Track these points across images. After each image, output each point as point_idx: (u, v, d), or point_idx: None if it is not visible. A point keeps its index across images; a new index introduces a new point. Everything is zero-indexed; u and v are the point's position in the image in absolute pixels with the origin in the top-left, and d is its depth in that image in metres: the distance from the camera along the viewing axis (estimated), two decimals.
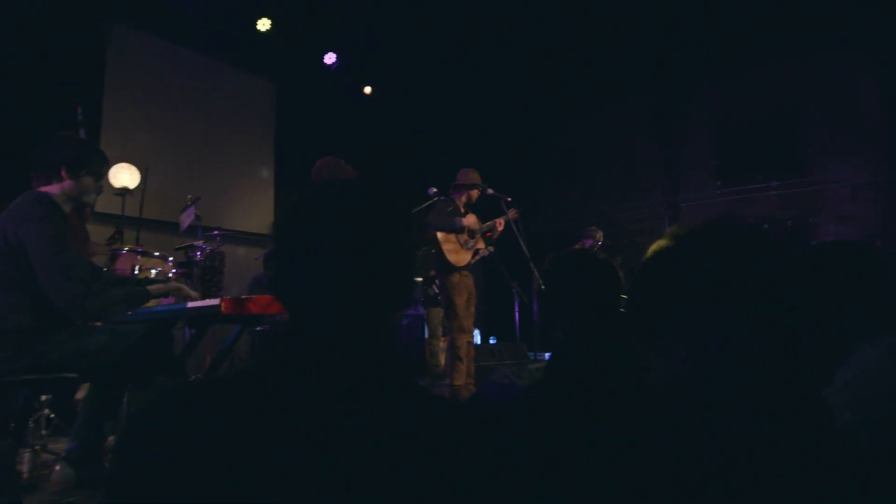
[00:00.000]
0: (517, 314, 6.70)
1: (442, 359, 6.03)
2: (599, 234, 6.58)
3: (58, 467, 2.35)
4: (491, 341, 7.82)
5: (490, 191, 4.67)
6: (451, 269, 4.42)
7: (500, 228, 4.64)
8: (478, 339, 7.67)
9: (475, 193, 4.58)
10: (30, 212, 2.12)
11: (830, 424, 0.66)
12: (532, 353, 5.65)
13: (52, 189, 2.24)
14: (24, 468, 2.40)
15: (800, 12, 6.74)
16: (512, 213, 4.71)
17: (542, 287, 4.70)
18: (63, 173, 2.25)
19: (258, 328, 4.30)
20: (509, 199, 4.69)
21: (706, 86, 8.16)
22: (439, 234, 4.41)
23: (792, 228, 7.55)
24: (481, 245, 4.63)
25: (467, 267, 4.51)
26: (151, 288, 2.42)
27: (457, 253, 4.45)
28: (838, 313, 1.10)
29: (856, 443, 0.63)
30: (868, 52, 7.12)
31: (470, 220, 4.56)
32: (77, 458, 2.27)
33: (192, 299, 2.50)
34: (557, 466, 1.01)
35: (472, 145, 8.34)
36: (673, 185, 8.41)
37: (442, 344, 5.88)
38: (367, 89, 7.47)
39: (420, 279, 6.42)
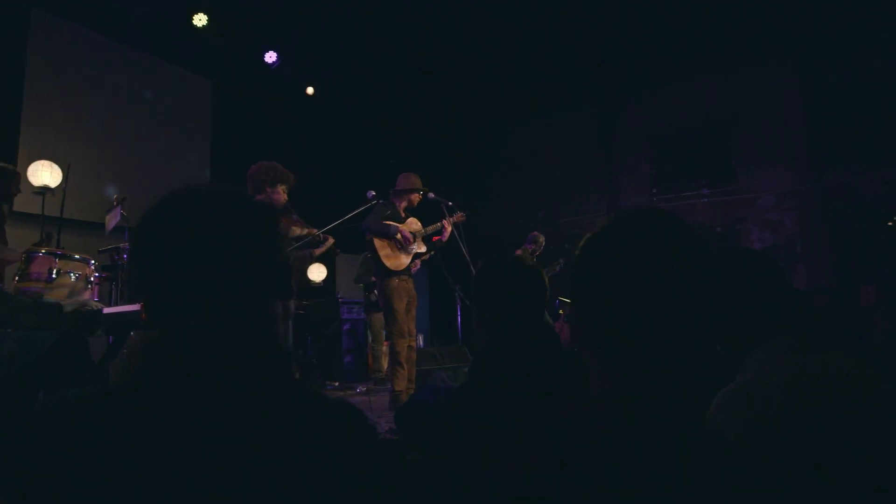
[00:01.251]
0: (460, 318, 6.73)
1: (385, 363, 5.99)
2: (541, 239, 6.69)
3: None
4: (434, 344, 7.81)
5: (431, 195, 4.66)
6: (389, 273, 4.39)
7: (449, 229, 4.61)
8: (421, 343, 7.66)
9: (416, 198, 4.57)
10: None
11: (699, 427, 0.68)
12: (472, 357, 5.67)
13: None
14: None
15: (730, 30, 7.10)
16: (458, 216, 4.70)
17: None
18: None
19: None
20: (450, 203, 4.70)
21: (644, 97, 8.49)
22: (375, 240, 4.37)
23: (721, 235, 7.92)
24: (422, 248, 4.61)
25: (407, 271, 4.49)
26: (66, 301, 2.30)
27: (394, 258, 4.41)
28: (740, 316, 1.16)
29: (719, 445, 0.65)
30: (792, 68, 7.58)
31: (410, 224, 4.54)
32: None
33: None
34: (469, 468, 1.01)
35: (416, 149, 8.34)
36: (612, 191, 8.68)
37: (384, 348, 5.83)
38: (310, 90, 7.35)
39: (361, 284, 6.36)
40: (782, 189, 7.71)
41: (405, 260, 4.45)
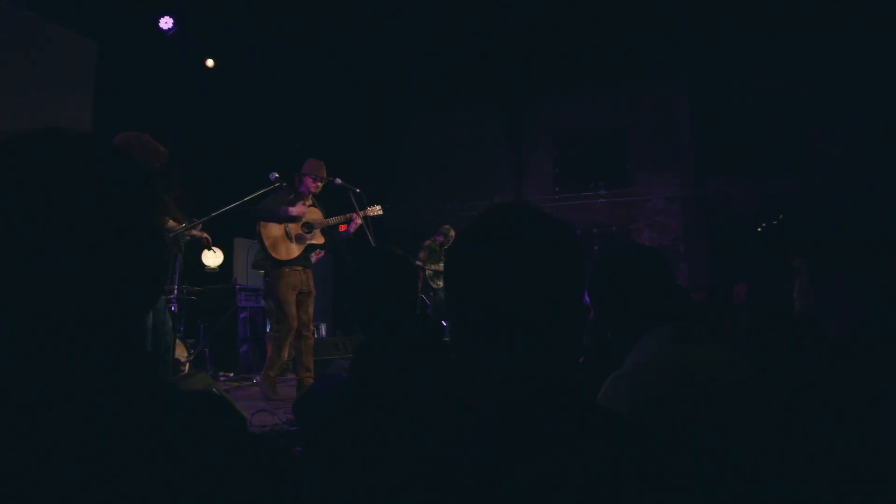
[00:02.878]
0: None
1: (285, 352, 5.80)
2: (452, 233, 6.75)
3: None
4: (336, 333, 7.68)
5: (338, 181, 4.52)
6: (278, 263, 4.22)
7: (358, 222, 4.46)
8: (323, 332, 7.49)
9: (317, 185, 4.43)
10: None
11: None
12: None
13: None
14: None
15: (627, 39, 7.50)
16: (373, 210, 4.56)
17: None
18: None
19: None
20: (357, 190, 4.58)
21: (553, 98, 8.80)
22: (262, 228, 4.19)
23: (616, 234, 8.42)
24: (319, 240, 4.46)
25: (300, 261, 4.32)
26: None
27: (283, 247, 4.23)
28: (630, 306, 1.23)
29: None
30: (682, 80, 8.18)
31: (311, 213, 4.39)
32: None
33: None
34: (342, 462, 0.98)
35: (323, 133, 8.12)
36: (518, 187, 8.94)
37: None
38: (210, 62, 6.91)
39: (261, 271, 6.09)
40: (669, 193, 8.32)
41: (296, 250, 4.29)
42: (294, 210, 4.25)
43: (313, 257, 4.69)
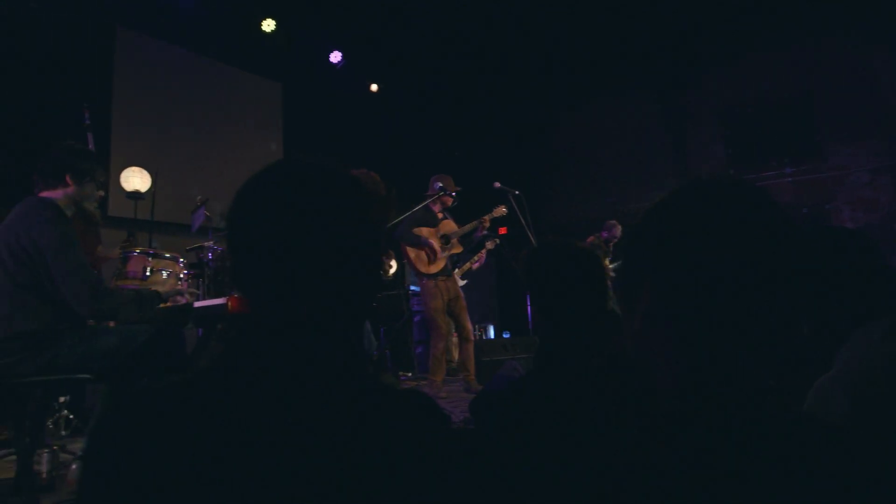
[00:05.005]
0: (529, 308, 6.69)
1: (455, 354, 6.06)
2: (618, 230, 6.52)
3: (74, 466, 2.40)
4: (504, 335, 7.81)
5: (497, 185, 4.66)
6: (424, 276, 4.49)
7: (487, 225, 4.59)
8: (491, 333, 7.67)
9: (448, 200, 4.60)
10: (39, 216, 2.17)
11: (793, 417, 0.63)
12: None
13: (56, 194, 2.30)
14: (43, 468, 2.45)
15: None
16: (497, 211, 4.66)
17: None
18: (67, 179, 2.30)
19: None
20: (517, 192, 4.67)
21: (714, 70, 8.04)
22: (407, 248, 4.47)
23: (808, 216, 7.43)
24: (458, 249, 4.63)
25: (445, 272, 4.53)
26: (161, 290, 2.47)
27: (428, 262, 4.48)
28: (834, 299, 1.09)
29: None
30: (886, 33, 6.97)
31: (445, 226, 4.56)
32: None
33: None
34: (538, 460, 1.01)
35: (478, 139, 8.33)
36: (683, 174, 8.31)
37: (455, 339, 5.89)
38: (374, 87, 7.49)
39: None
40: (874, 164, 7.14)
41: (440, 262, 4.50)
42: (429, 241, 4.46)
43: (474, 265, 4.89)
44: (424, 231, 4.48)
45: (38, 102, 4.74)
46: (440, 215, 4.62)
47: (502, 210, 4.66)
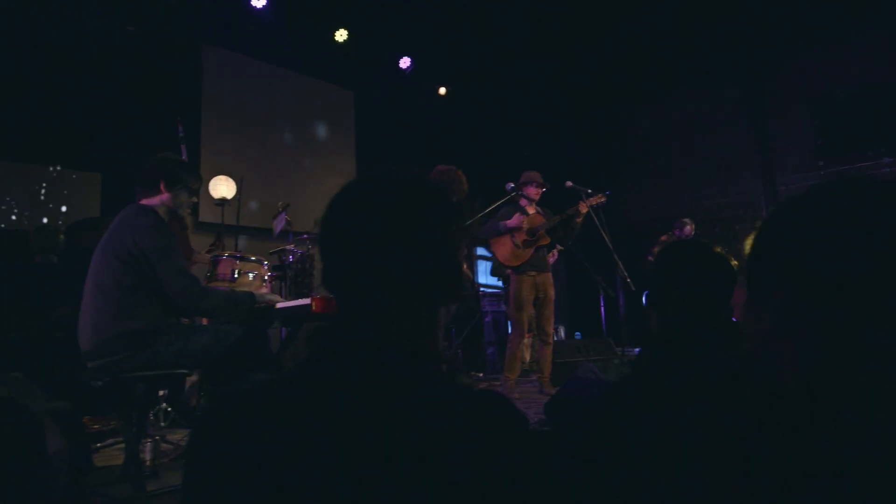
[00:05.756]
0: (602, 309, 6.55)
1: (528, 355, 6.02)
2: (690, 227, 6.28)
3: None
4: (576, 336, 7.68)
5: (569, 184, 4.59)
6: (511, 269, 4.47)
7: (584, 211, 4.41)
8: (562, 334, 7.56)
9: (539, 192, 4.55)
10: (142, 222, 2.34)
11: None
12: (620, 349, 5.49)
13: (153, 201, 2.48)
14: (147, 457, 2.64)
15: None
16: (596, 198, 4.49)
17: (629, 280, 4.58)
18: (162, 187, 2.48)
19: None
20: (589, 190, 4.58)
21: (802, 57, 7.55)
22: (491, 242, 4.48)
23: None
24: (545, 241, 4.55)
25: (532, 266, 4.46)
26: (256, 293, 2.62)
27: (513, 254, 4.44)
28: None
29: None
30: None
31: (532, 220, 4.51)
32: None
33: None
34: (638, 465, 0.98)
35: (549, 139, 8.23)
36: (767, 167, 7.86)
37: (527, 340, 5.85)
38: (442, 90, 7.57)
39: (501, 277, 6.42)
40: None
41: (525, 255, 4.43)
42: (511, 222, 4.43)
43: (549, 259, 4.79)
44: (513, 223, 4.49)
45: (139, 117, 5.13)
46: (531, 210, 4.58)
47: (601, 197, 4.50)
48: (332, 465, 0.60)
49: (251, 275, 3.36)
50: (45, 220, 4.77)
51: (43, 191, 4.85)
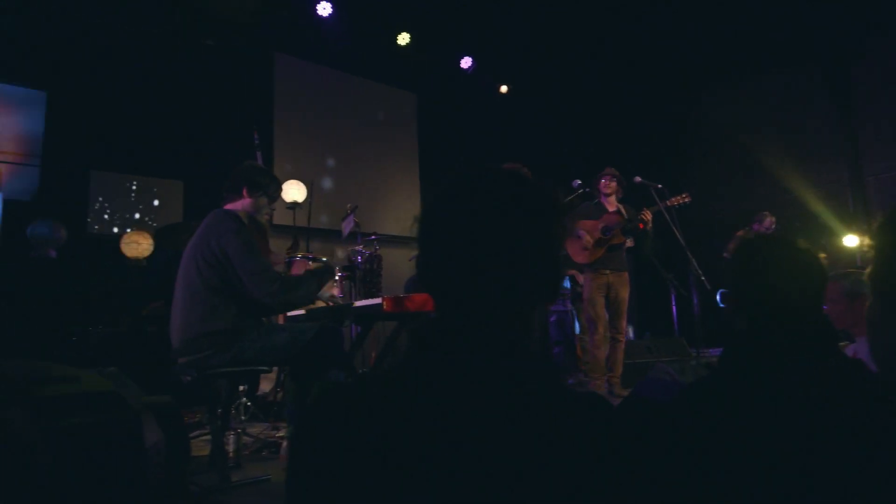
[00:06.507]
0: (674, 308, 6.33)
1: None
2: (769, 220, 5.96)
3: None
4: (645, 336, 7.46)
5: (638, 179, 4.47)
6: (583, 267, 4.43)
7: (649, 217, 4.33)
8: (630, 334, 7.36)
9: (607, 184, 4.45)
10: (226, 226, 2.48)
11: None
12: (694, 349, 5.29)
13: (236, 206, 2.62)
14: (230, 449, 2.78)
15: None
16: (678, 199, 4.36)
17: (703, 277, 4.40)
18: (244, 193, 2.61)
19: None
20: (659, 185, 4.44)
21: (889, 37, 6.98)
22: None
23: None
24: (620, 240, 4.43)
25: (603, 264, 4.37)
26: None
27: (584, 252, 4.37)
28: None
29: None
30: None
31: (607, 219, 4.41)
32: None
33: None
34: (725, 468, 0.95)
35: (616, 133, 8.03)
36: (853, 156, 7.32)
37: (596, 339, 5.74)
38: (504, 88, 7.54)
39: (569, 275, 6.32)
40: None
41: (598, 253, 4.36)
42: (582, 231, 4.36)
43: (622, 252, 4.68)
44: (588, 224, 4.42)
45: (218, 127, 5.41)
46: (612, 207, 4.49)
47: (685, 197, 4.39)
48: (443, 461, 0.60)
49: None
50: (131, 227, 5.11)
51: (132, 196, 5.19)
